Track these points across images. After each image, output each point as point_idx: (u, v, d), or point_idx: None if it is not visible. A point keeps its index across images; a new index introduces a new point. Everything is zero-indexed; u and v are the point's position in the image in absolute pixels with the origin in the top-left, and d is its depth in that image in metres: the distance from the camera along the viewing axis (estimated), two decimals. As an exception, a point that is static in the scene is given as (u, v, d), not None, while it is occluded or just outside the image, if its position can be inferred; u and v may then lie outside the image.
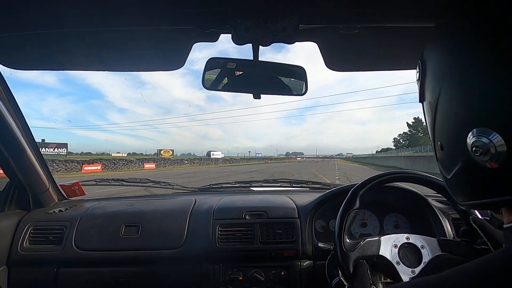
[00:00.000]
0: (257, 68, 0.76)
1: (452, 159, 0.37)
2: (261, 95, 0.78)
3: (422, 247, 0.76)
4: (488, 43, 0.32)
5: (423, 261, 0.74)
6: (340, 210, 0.83)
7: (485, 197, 0.34)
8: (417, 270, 0.73)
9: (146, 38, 0.75)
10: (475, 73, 0.32)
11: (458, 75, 0.35)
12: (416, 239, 0.77)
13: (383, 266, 0.77)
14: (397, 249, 0.76)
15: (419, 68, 0.42)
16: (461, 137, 0.34)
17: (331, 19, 0.64)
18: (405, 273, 0.73)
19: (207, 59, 0.76)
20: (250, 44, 0.69)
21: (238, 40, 0.65)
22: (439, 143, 0.39)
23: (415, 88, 0.44)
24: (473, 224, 0.71)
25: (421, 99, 0.43)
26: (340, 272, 0.76)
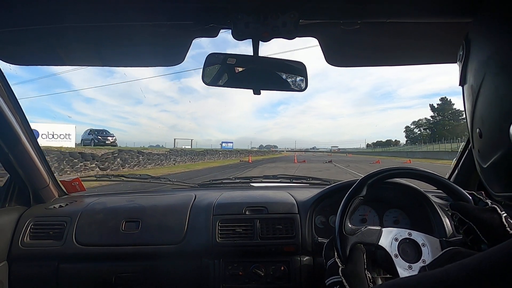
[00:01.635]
0: (257, 63, 0.76)
1: (492, 147, 0.36)
2: (257, 92, 0.78)
3: (423, 245, 0.76)
4: None
5: (422, 259, 0.75)
6: (346, 195, 0.83)
7: None
8: (414, 265, 0.74)
9: (146, 34, 0.75)
10: None
11: (507, 59, 0.33)
12: (418, 236, 0.78)
13: (380, 257, 0.77)
14: (398, 242, 0.77)
15: (463, 48, 0.39)
16: (504, 125, 0.32)
17: (332, 14, 0.64)
18: (402, 267, 0.74)
19: (207, 55, 0.76)
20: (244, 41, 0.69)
21: (238, 35, 0.65)
22: (477, 130, 0.37)
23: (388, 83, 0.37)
24: (453, 211, 0.68)
25: (462, 82, 0.40)
26: (335, 254, 0.76)
